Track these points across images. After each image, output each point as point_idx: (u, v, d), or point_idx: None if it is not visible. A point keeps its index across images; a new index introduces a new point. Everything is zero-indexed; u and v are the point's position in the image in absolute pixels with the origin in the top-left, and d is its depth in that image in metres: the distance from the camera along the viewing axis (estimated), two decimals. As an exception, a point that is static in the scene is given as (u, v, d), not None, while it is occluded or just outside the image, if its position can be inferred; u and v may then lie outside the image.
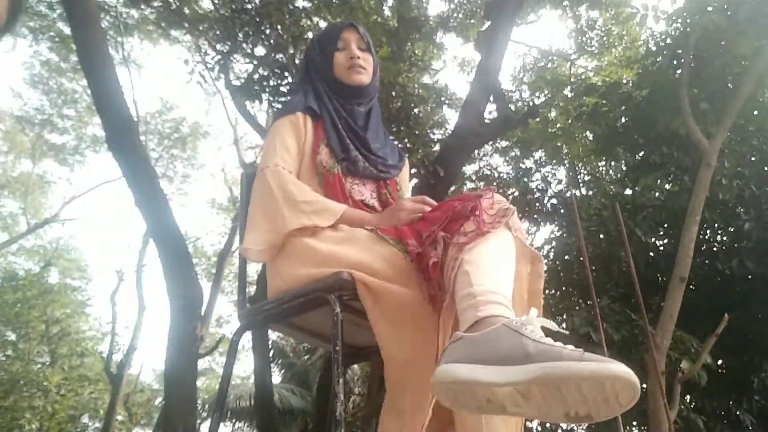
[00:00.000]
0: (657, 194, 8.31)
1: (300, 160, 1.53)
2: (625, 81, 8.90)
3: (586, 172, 11.13)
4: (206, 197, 27.24)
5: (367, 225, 1.38)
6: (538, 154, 10.63)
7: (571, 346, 0.92)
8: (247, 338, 6.93)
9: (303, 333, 1.57)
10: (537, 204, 9.35)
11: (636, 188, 8.16)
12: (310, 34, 5.94)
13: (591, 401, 0.91)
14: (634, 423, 7.28)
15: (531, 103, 10.17)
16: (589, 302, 6.64)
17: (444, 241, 1.21)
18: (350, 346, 1.58)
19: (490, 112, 6.76)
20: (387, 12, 8.35)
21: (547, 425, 8.88)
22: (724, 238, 7.48)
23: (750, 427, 6.32)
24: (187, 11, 7.07)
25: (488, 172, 10.64)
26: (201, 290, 5.85)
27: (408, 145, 5.61)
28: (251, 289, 8.70)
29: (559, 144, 10.18)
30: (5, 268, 15.91)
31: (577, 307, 7.49)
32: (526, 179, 10.17)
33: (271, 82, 5.82)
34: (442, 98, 8.29)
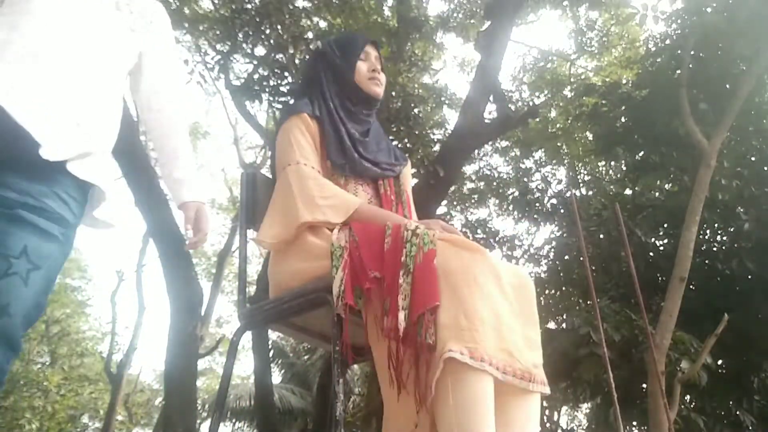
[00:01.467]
0: (657, 194, 8.31)
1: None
2: (624, 81, 8.91)
3: (586, 172, 11.14)
4: (206, 197, 27.21)
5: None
6: (538, 154, 10.64)
7: None
8: (247, 338, 6.93)
9: (303, 333, 1.57)
10: (537, 204, 9.35)
11: (636, 188, 8.16)
12: (310, 34, 5.93)
13: None
14: (634, 423, 7.28)
15: (531, 103, 10.17)
16: (589, 302, 6.64)
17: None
18: (350, 346, 1.58)
19: (490, 112, 6.76)
20: (387, 12, 8.34)
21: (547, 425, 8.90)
22: (724, 238, 7.48)
23: (750, 427, 6.32)
24: (187, 11, 7.07)
25: (488, 172, 10.65)
26: (201, 290, 5.86)
27: (408, 145, 5.61)
28: (251, 289, 8.70)
29: (559, 144, 10.19)
30: (5, 268, 15.88)
31: (577, 307, 7.49)
32: (526, 179, 10.18)
33: (271, 82, 5.82)
34: (442, 98, 8.30)
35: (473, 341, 1.09)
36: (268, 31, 5.64)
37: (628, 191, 8.52)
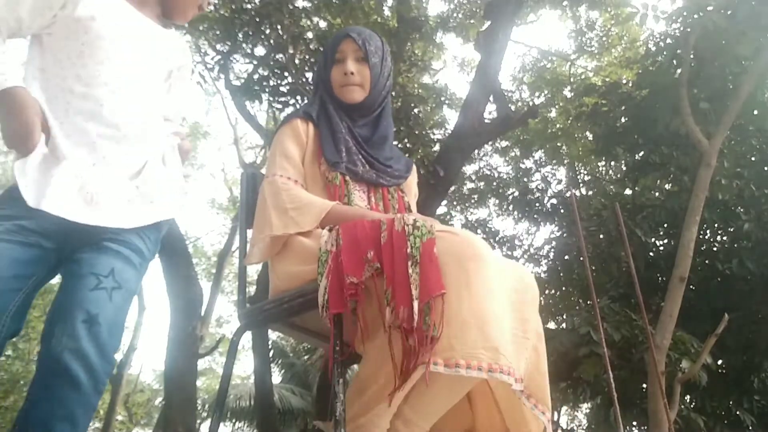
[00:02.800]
0: (657, 194, 8.31)
1: (303, 166, 1.53)
2: (624, 81, 8.91)
3: (586, 172, 11.14)
4: (206, 197, 27.26)
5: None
6: (538, 154, 10.65)
7: None
8: (247, 338, 6.93)
9: (303, 333, 1.57)
10: (537, 204, 9.36)
11: (636, 188, 8.16)
12: (310, 34, 5.94)
13: None
14: (634, 423, 7.28)
15: (531, 103, 10.18)
16: (589, 302, 6.65)
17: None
18: (350, 346, 1.58)
19: (490, 112, 6.77)
20: (387, 12, 8.34)
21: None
22: (724, 238, 7.48)
23: (750, 427, 6.32)
24: (187, 11, 7.06)
25: (488, 172, 10.66)
26: (201, 290, 5.86)
27: (408, 145, 5.61)
28: (251, 289, 8.70)
29: (559, 144, 10.19)
30: (5, 268, 15.88)
31: (577, 307, 7.50)
32: (526, 179, 10.18)
33: (271, 82, 5.83)
34: (442, 98, 8.29)
35: (450, 349, 1.09)
36: (268, 31, 5.64)
37: (628, 191, 8.52)
